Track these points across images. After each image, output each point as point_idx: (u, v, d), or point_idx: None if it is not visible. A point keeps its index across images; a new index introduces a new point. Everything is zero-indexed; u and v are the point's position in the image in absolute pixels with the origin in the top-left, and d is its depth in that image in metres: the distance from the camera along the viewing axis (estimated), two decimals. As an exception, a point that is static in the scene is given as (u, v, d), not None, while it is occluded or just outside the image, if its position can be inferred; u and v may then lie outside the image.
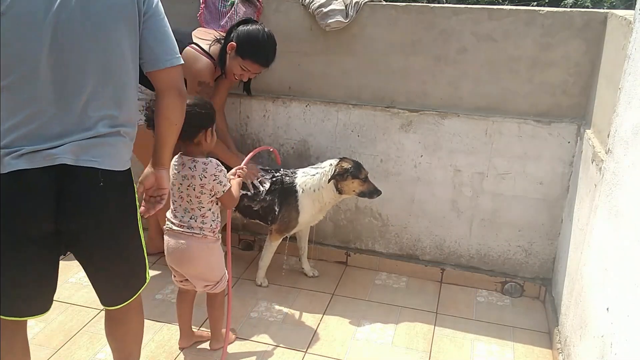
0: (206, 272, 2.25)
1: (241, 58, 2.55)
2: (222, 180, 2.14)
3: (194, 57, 2.55)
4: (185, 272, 2.26)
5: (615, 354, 1.57)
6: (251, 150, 2.62)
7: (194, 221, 2.16)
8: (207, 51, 2.59)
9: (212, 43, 2.61)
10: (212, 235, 2.21)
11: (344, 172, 2.63)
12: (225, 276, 2.31)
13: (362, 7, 2.73)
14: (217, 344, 2.43)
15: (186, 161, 2.14)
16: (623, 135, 1.74)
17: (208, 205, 2.17)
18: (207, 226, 2.18)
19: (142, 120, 2.60)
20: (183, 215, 2.18)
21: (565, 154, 2.67)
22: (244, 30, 2.55)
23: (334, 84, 2.92)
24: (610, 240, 1.76)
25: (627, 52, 1.81)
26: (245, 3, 2.85)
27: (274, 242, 2.85)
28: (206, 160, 2.14)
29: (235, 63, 2.57)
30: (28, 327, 2.51)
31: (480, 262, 2.99)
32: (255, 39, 2.54)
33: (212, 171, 2.12)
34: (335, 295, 2.91)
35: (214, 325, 2.42)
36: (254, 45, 2.54)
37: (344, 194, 2.70)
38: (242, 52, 2.54)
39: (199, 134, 2.11)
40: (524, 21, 2.56)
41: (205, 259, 2.22)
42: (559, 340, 2.40)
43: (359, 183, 2.66)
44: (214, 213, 2.20)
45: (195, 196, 2.14)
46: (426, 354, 2.48)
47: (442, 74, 2.74)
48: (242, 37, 2.54)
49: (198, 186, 2.12)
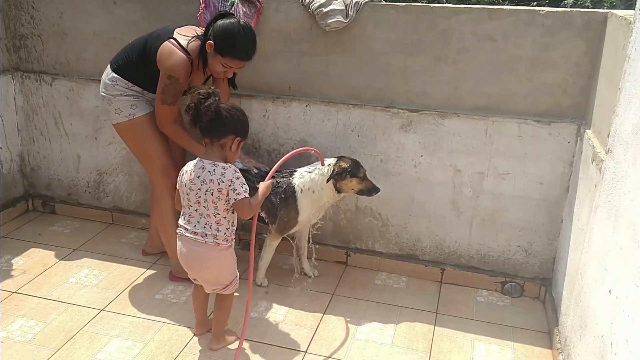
0: (216, 278, 2.28)
1: (220, 56, 2.48)
2: (237, 188, 2.11)
3: (169, 52, 2.50)
4: (197, 277, 2.32)
5: (615, 354, 1.56)
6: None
7: (209, 228, 2.16)
8: (185, 47, 2.52)
9: (191, 39, 2.54)
10: (226, 244, 2.22)
11: (343, 171, 2.64)
12: (236, 279, 2.33)
13: (362, 7, 2.73)
14: (216, 345, 2.43)
15: (206, 165, 2.15)
16: (623, 135, 1.74)
17: (224, 213, 2.16)
18: (222, 234, 2.18)
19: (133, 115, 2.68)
20: (199, 220, 2.17)
21: (565, 154, 2.67)
22: (220, 26, 2.46)
23: (334, 84, 2.92)
24: (610, 240, 1.76)
25: (627, 52, 1.81)
26: (245, 3, 2.85)
27: (274, 241, 2.85)
28: (226, 165, 2.15)
29: (215, 61, 2.51)
30: (28, 328, 2.53)
31: (480, 262, 2.99)
32: (231, 34, 2.45)
33: (229, 176, 2.12)
34: (335, 295, 2.90)
35: (217, 324, 2.42)
36: (232, 41, 2.46)
37: (343, 193, 2.71)
38: (220, 49, 2.46)
39: (228, 137, 2.14)
40: (524, 21, 2.56)
41: (216, 266, 2.25)
42: (559, 340, 2.40)
43: (357, 181, 2.67)
44: (229, 221, 2.20)
45: (213, 201, 2.13)
46: (426, 354, 2.48)
47: (442, 74, 2.74)
48: (218, 34, 2.46)
49: (216, 191, 2.12)
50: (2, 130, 3.47)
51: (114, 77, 2.66)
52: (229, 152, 2.17)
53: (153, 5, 3.05)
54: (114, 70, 2.67)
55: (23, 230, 3.47)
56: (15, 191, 3.66)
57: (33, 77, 3.43)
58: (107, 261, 3.13)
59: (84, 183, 3.59)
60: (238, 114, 2.16)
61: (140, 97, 2.70)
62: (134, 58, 2.64)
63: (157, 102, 2.57)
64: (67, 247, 3.26)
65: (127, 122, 2.70)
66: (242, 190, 2.12)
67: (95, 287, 2.88)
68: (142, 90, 2.69)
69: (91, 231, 3.47)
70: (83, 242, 3.34)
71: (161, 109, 2.58)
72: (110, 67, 2.70)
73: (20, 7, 3.31)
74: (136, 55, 2.63)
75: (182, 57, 2.50)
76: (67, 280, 2.93)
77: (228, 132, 2.13)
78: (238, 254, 3.22)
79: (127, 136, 2.78)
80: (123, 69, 2.66)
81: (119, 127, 2.75)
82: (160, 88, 2.54)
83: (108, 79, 2.69)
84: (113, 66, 2.69)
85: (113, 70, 2.68)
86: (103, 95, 2.72)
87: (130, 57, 2.65)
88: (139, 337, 2.51)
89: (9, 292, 2.80)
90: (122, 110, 2.69)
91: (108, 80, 2.68)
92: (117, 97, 2.67)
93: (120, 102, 2.68)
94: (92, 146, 3.46)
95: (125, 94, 2.67)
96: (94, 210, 3.60)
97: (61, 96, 3.41)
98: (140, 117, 2.69)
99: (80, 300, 2.76)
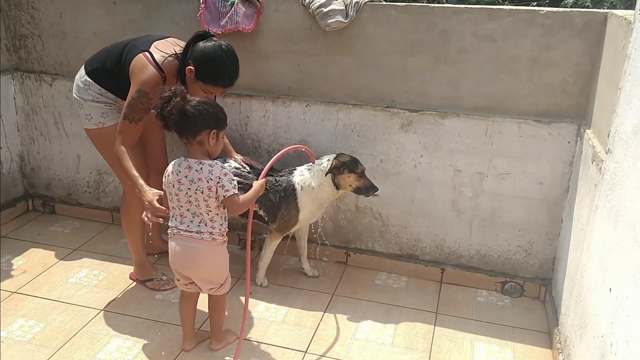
0: (213, 275, 2.26)
1: (202, 82, 2.35)
2: (225, 184, 2.11)
3: (141, 65, 2.39)
4: (192, 275, 2.25)
5: (615, 354, 1.57)
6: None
7: (203, 225, 2.16)
8: (159, 64, 2.40)
9: (168, 57, 2.41)
10: (221, 238, 2.22)
11: (341, 165, 2.64)
12: (229, 278, 2.32)
13: (362, 7, 2.73)
14: (217, 345, 2.43)
15: (192, 164, 2.13)
16: (623, 135, 1.74)
17: (216, 210, 2.16)
18: (217, 230, 2.18)
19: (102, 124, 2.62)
20: (192, 220, 2.17)
21: (565, 154, 2.67)
22: (200, 51, 2.33)
23: (334, 84, 2.91)
24: (610, 240, 1.76)
25: (627, 52, 1.81)
26: (245, 3, 2.85)
27: (274, 241, 2.85)
28: (212, 162, 2.14)
29: (196, 87, 2.37)
30: (28, 328, 2.53)
31: (480, 262, 2.99)
32: (213, 60, 2.32)
33: (217, 174, 2.11)
34: (335, 295, 2.90)
35: (215, 325, 2.42)
36: (213, 68, 2.33)
37: (341, 189, 2.71)
38: (201, 76, 2.34)
39: (202, 133, 2.11)
40: (524, 21, 2.56)
41: (213, 261, 2.24)
42: (559, 340, 2.40)
43: (355, 177, 2.67)
44: (222, 217, 2.20)
45: (204, 199, 2.13)
46: (426, 354, 2.48)
47: (442, 74, 2.74)
48: (199, 59, 2.33)
49: (206, 189, 2.11)
50: (2, 130, 3.47)
51: (87, 80, 2.57)
52: (209, 146, 2.15)
53: (153, 5, 3.05)
54: (87, 73, 2.58)
55: (23, 230, 3.47)
56: (15, 191, 3.66)
57: (33, 77, 3.43)
58: (107, 261, 3.13)
59: (84, 183, 3.59)
60: (206, 107, 2.09)
61: (113, 104, 2.60)
62: (108, 64, 2.53)
63: (121, 116, 2.44)
64: (67, 247, 3.26)
65: (96, 130, 2.62)
66: (230, 186, 2.11)
67: (95, 287, 2.88)
68: (115, 98, 2.59)
69: (91, 231, 3.47)
70: (83, 242, 3.34)
71: (122, 123, 2.42)
72: (84, 69, 2.60)
73: (20, 7, 3.31)
74: (111, 61, 2.53)
75: (154, 72, 2.38)
76: (67, 280, 2.93)
77: (200, 129, 2.10)
78: (238, 254, 3.25)
79: (97, 144, 2.71)
80: (97, 73, 2.56)
81: (89, 132, 2.67)
82: (127, 101, 2.41)
83: (81, 82, 2.59)
84: (87, 68, 2.59)
85: (87, 73, 2.58)
86: (75, 98, 2.63)
87: (105, 62, 2.55)
88: (139, 337, 2.51)
89: (9, 292, 2.81)
90: (92, 117, 2.60)
91: (81, 83, 2.59)
92: (88, 103, 2.58)
93: (91, 109, 2.59)
94: (92, 146, 3.40)
95: (97, 100, 2.58)
96: (94, 210, 3.60)
97: (61, 96, 3.41)
98: (110, 126, 2.58)
99: (80, 300, 2.76)
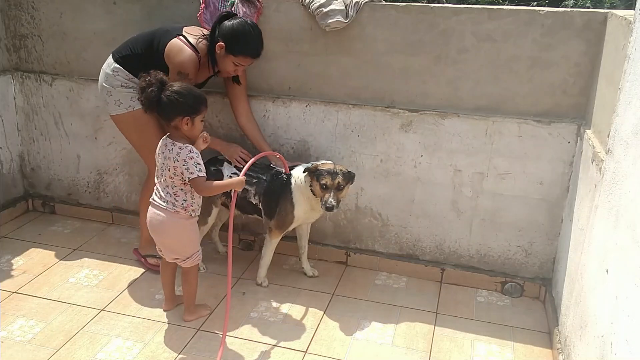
0: (174, 245, 2.47)
1: (233, 55, 2.59)
2: (190, 167, 2.27)
3: (178, 48, 2.59)
4: (157, 242, 2.50)
5: (615, 354, 1.57)
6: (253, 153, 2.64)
7: (169, 196, 2.37)
8: (194, 45, 2.61)
9: (199, 39, 2.63)
10: (184, 213, 2.39)
11: (314, 170, 2.62)
12: (197, 254, 2.50)
13: (362, 7, 2.73)
14: (189, 316, 2.62)
15: (168, 143, 2.33)
16: (623, 135, 1.74)
17: (180, 186, 2.35)
18: (179, 204, 2.37)
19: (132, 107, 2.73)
20: (162, 190, 2.39)
21: (565, 154, 2.67)
22: (228, 28, 2.57)
23: (334, 84, 2.91)
24: (610, 240, 1.76)
25: (627, 52, 1.81)
26: (245, 3, 2.85)
27: (274, 239, 2.85)
28: (182, 145, 2.30)
29: (227, 61, 2.62)
30: (28, 328, 2.53)
31: (480, 262, 2.99)
32: (242, 33, 2.57)
33: (183, 157, 2.28)
34: (335, 295, 2.90)
35: (187, 298, 2.62)
36: (243, 40, 2.57)
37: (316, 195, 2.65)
38: (232, 49, 2.57)
39: (175, 120, 2.28)
40: (524, 21, 2.56)
41: (175, 232, 2.42)
42: (559, 340, 2.40)
43: (319, 187, 2.59)
44: (186, 193, 2.37)
45: (170, 176, 2.33)
46: (426, 354, 2.48)
47: (442, 74, 2.74)
48: (228, 35, 2.56)
49: (172, 167, 2.31)
50: (2, 130, 3.47)
51: (116, 67, 2.70)
52: (186, 131, 2.31)
53: (153, 5, 3.06)
54: (116, 61, 2.72)
55: (23, 230, 3.47)
56: (15, 191, 3.66)
57: (33, 77, 3.43)
58: (107, 261, 3.13)
59: (84, 183, 3.59)
60: (177, 96, 2.24)
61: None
62: (138, 50, 2.69)
63: None
64: (67, 247, 3.26)
65: (127, 114, 2.74)
66: (195, 170, 2.28)
67: (95, 287, 2.88)
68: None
69: (91, 231, 3.47)
70: (83, 242, 3.34)
71: None
72: (112, 58, 2.75)
73: (20, 7, 3.31)
74: (141, 47, 2.68)
75: (192, 54, 2.59)
76: (67, 280, 2.93)
77: (172, 116, 2.28)
78: (239, 254, 3.25)
79: (126, 128, 2.82)
80: (126, 60, 2.70)
81: (118, 118, 2.78)
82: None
83: (110, 70, 2.72)
84: (115, 56, 2.73)
85: (115, 61, 2.72)
86: (103, 86, 2.76)
87: (134, 48, 2.70)
88: (139, 337, 2.51)
89: (9, 292, 2.81)
90: (122, 102, 2.73)
91: (110, 70, 2.72)
92: (117, 89, 2.71)
93: (121, 94, 2.72)
94: (92, 146, 3.46)
95: (126, 85, 2.71)
96: (94, 210, 3.60)
97: (61, 96, 3.41)
98: (139, 109, 2.63)
99: (80, 300, 2.76)
